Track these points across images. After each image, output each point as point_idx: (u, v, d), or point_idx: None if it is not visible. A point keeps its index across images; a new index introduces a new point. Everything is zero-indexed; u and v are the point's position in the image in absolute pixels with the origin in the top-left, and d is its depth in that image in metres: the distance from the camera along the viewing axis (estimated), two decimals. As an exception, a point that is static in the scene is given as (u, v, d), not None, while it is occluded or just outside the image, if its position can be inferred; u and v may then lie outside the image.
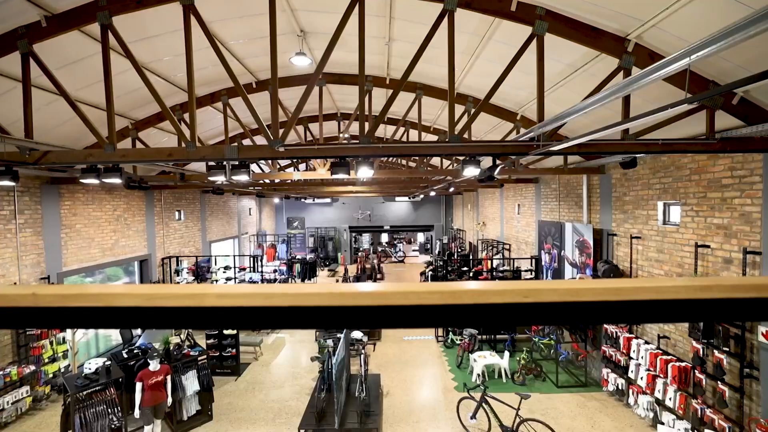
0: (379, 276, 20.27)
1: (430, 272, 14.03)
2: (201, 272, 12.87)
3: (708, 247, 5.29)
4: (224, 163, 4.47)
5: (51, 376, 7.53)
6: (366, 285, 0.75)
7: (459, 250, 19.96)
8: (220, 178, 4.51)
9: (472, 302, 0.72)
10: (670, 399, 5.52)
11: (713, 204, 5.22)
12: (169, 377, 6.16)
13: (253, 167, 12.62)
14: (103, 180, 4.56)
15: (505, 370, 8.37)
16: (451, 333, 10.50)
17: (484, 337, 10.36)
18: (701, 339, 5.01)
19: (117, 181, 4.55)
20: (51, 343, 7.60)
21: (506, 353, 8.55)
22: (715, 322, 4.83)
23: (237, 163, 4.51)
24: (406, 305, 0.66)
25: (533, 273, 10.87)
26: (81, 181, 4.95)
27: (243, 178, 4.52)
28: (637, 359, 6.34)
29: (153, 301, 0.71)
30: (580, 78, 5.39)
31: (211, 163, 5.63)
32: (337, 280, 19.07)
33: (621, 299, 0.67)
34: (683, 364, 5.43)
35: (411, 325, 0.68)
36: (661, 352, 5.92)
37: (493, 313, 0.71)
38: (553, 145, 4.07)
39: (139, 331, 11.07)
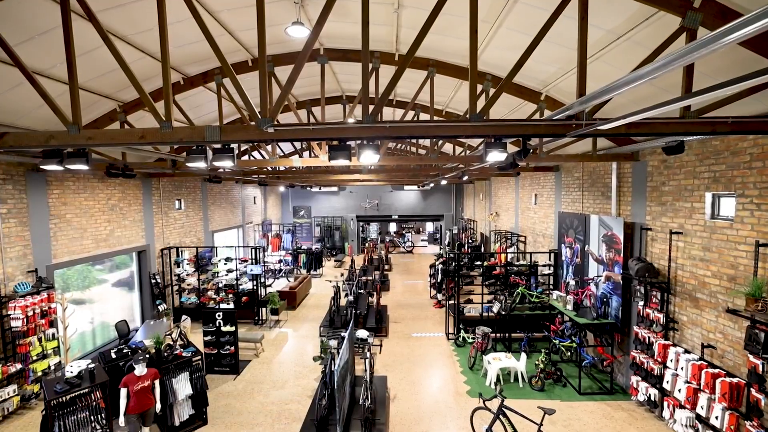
0: (386, 267, 19.71)
1: (441, 266, 13.38)
2: (202, 263, 12.43)
3: (770, 246, 4.53)
4: (205, 146, 3.87)
5: (40, 373, 7.15)
6: None
7: (470, 241, 19.24)
8: (199, 165, 3.92)
9: None
10: (716, 418, 4.85)
11: (779, 196, 4.45)
12: (157, 382, 5.68)
13: (255, 154, 12.00)
14: (67, 166, 4.00)
15: (522, 374, 7.77)
16: (462, 331, 9.91)
17: (498, 335, 9.76)
18: (761, 353, 4.29)
19: (83, 167, 3.98)
20: (39, 340, 7.20)
21: (523, 355, 7.92)
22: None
23: (220, 146, 3.90)
24: None
25: (552, 268, 10.16)
26: (42, 168, 4.38)
27: (227, 164, 3.91)
28: (675, 369, 5.66)
29: None
30: (623, 47, 4.60)
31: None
32: (342, 273, 18.57)
33: None
34: (735, 379, 4.73)
35: None
36: (706, 363, 5.22)
37: None
38: (599, 124, 3.35)
39: (138, 323, 10.72)
